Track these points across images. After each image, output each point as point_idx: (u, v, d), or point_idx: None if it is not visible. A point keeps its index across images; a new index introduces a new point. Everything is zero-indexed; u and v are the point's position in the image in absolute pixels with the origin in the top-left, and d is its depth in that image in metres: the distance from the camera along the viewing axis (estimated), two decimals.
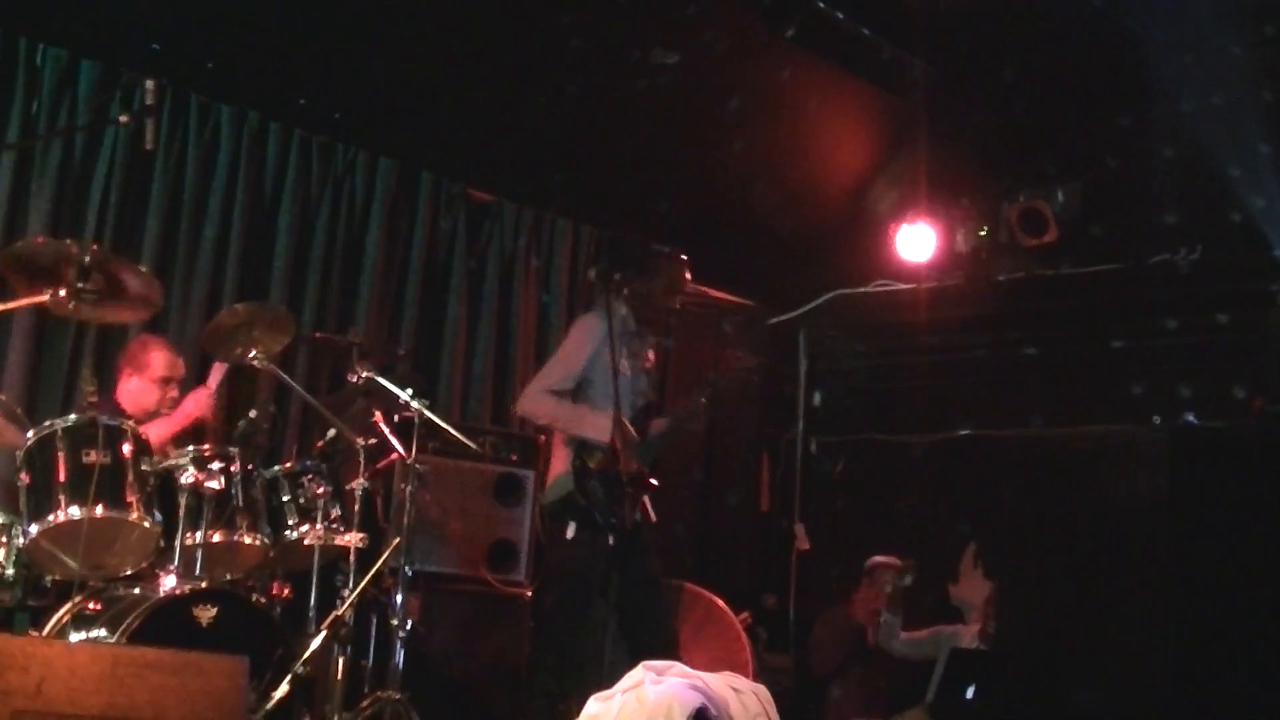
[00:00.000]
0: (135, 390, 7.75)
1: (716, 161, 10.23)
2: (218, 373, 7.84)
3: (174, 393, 7.79)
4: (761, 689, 5.96)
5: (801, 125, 10.34)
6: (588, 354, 7.91)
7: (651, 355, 8.30)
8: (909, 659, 9.77)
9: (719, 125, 9.99)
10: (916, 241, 11.11)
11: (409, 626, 7.50)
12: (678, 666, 5.88)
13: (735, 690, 5.82)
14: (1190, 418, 9.89)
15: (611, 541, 7.58)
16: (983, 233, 10.93)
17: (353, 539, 7.22)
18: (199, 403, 7.74)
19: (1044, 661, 9.58)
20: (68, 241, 6.61)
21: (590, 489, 7.72)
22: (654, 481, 7.87)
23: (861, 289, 11.61)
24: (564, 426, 7.91)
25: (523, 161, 10.05)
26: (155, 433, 7.33)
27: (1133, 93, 9.86)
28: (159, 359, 7.76)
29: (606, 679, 6.79)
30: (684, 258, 8.23)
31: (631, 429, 7.84)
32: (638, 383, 8.13)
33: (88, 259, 6.43)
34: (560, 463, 7.95)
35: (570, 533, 7.80)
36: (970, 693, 8.55)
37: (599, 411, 7.79)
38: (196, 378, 8.65)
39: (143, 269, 6.96)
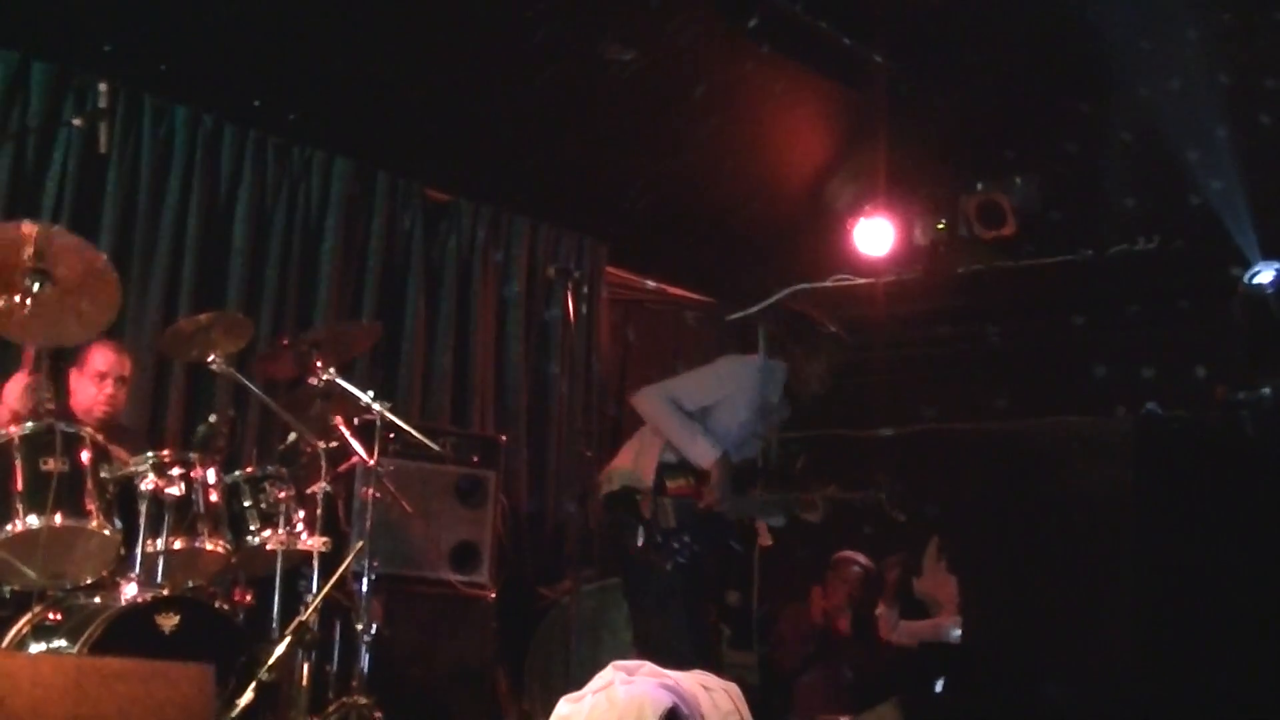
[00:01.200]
0: (76, 388, 7.69)
1: (675, 157, 10.21)
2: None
3: (110, 389, 7.67)
4: (733, 686, 5.92)
5: (760, 120, 10.33)
6: (728, 392, 7.83)
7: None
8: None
9: (678, 120, 9.98)
10: (875, 235, 11.10)
11: (373, 630, 7.45)
12: (648, 666, 5.83)
13: (706, 688, 5.78)
14: (1153, 407, 9.89)
15: (669, 567, 7.56)
16: (941, 226, 10.93)
17: (316, 543, 7.15)
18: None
19: (1012, 654, 9.57)
20: (20, 222, 6.50)
21: (660, 506, 7.66)
22: (766, 542, 7.88)
23: (821, 283, 11.59)
24: (673, 436, 7.77)
25: (480, 160, 10.00)
26: None
27: (1090, 80, 9.86)
28: (98, 354, 7.67)
29: (575, 678, 6.77)
30: (846, 344, 8.16)
31: (724, 476, 7.73)
32: (750, 442, 8.03)
33: (41, 243, 6.32)
34: (634, 457, 7.87)
35: (640, 540, 7.72)
36: (939, 685, 8.54)
37: (710, 439, 7.72)
38: (153, 381, 8.62)
39: (101, 254, 6.85)
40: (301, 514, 7.27)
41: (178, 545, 6.79)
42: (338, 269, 9.62)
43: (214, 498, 7.01)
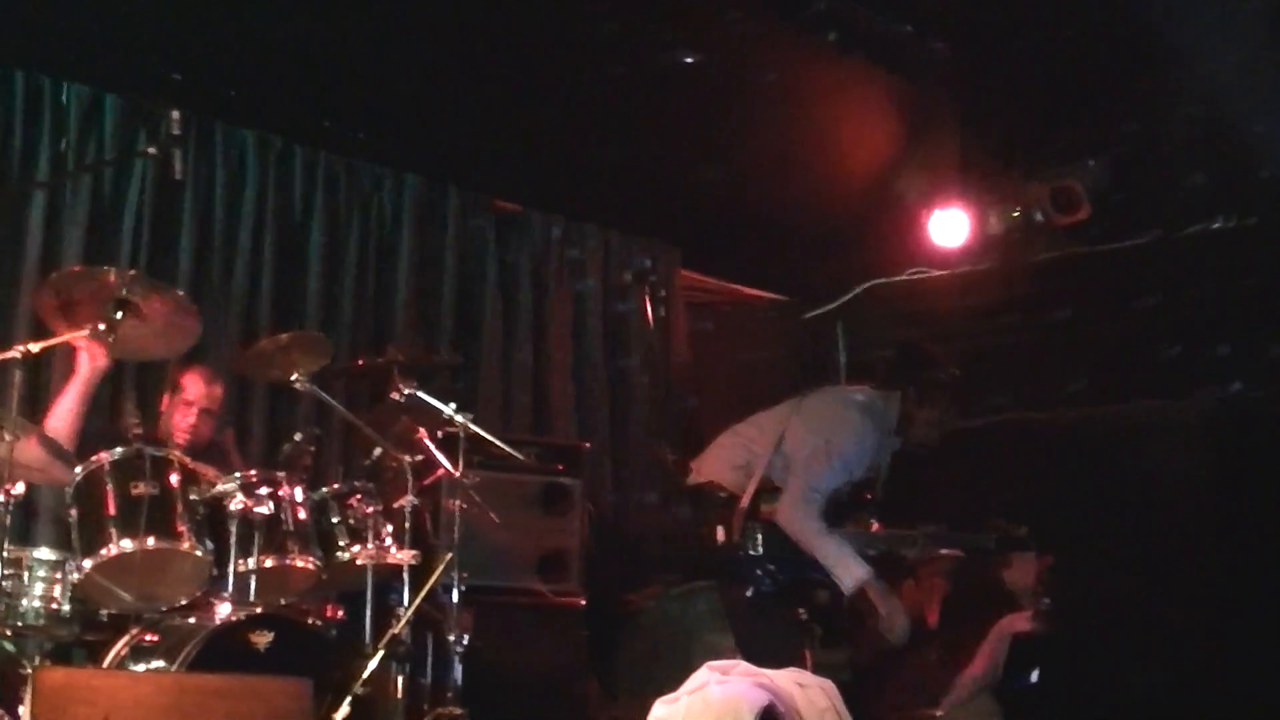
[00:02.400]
0: (167, 409, 7.77)
1: (743, 156, 10.17)
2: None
3: (193, 419, 7.73)
4: (827, 683, 5.93)
5: (827, 115, 10.27)
6: (859, 467, 7.79)
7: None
8: None
9: (744, 120, 9.93)
10: (949, 227, 11.01)
11: (465, 641, 7.47)
12: (742, 665, 5.85)
13: (801, 686, 5.80)
14: (1238, 386, 9.80)
15: (748, 594, 7.56)
16: (1015, 214, 10.84)
17: (405, 557, 7.19)
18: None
19: (1098, 643, 9.51)
20: (105, 268, 6.62)
21: (750, 529, 7.64)
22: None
23: (896, 278, 11.55)
24: (819, 555, 7.69)
25: (548, 169, 10.03)
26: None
27: (1154, 56, 9.76)
28: (190, 381, 7.76)
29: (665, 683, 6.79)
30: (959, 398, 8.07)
31: (881, 594, 7.71)
32: (871, 469, 7.99)
33: (125, 287, 6.44)
34: (728, 467, 7.85)
35: (720, 537, 7.70)
36: (1034, 676, 8.50)
37: (860, 562, 7.65)
38: (236, 404, 8.69)
39: (179, 292, 6.94)
40: (389, 528, 7.31)
41: (268, 563, 6.85)
42: (413, 284, 9.68)
43: (302, 515, 7.07)
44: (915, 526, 8.00)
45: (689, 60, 9.24)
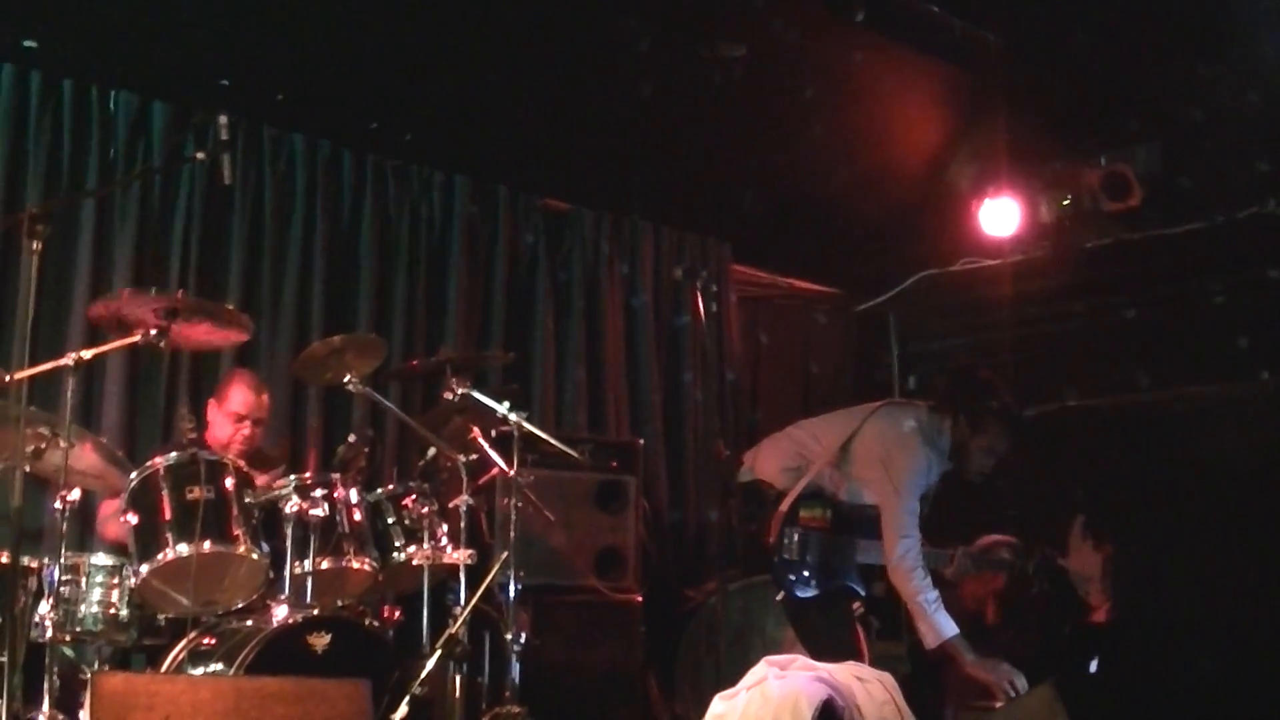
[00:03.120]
0: (214, 419, 7.82)
1: (793, 150, 10.16)
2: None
3: (246, 430, 7.80)
4: (886, 676, 5.91)
5: (875, 106, 10.26)
6: (922, 491, 7.76)
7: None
8: None
9: (793, 115, 9.92)
10: (1000, 215, 10.96)
11: (522, 640, 7.46)
12: (801, 660, 5.83)
13: (860, 679, 5.78)
14: None
15: (779, 597, 7.54)
16: (1066, 201, 10.77)
17: (461, 556, 7.18)
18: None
19: (1164, 631, 9.43)
20: (152, 292, 6.66)
21: (787, 535, 7.61)
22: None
23: (948, 268, 11.49)
24: (912, 603, 7.58)
25: (598, 167, 10.01)
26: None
27: (1208, 40, 9.70)
28: (237, 393, 7.80)
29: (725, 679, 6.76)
30: (1016, 427, 8.02)
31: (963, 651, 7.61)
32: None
33: (175, 310, 6.48)
34: (777, 469, 7.83)
35: (771, 535, 7.67)
36: (1094, 665, 8.44)
37: (948, 619, 7.58)
38: (289, 405, 8.71)
39: (229, 306, 6.95)
40: (445, 528, 7.31)
41: (325, 565, 6.88)
42: (464, 284, 9.67)
43: (357, 517, 7.09)
44: (956, 546, 7.93)
45: (737, 55, 9.21)
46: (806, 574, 7.54)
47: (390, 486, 7.48)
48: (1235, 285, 10.09)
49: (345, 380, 7.29)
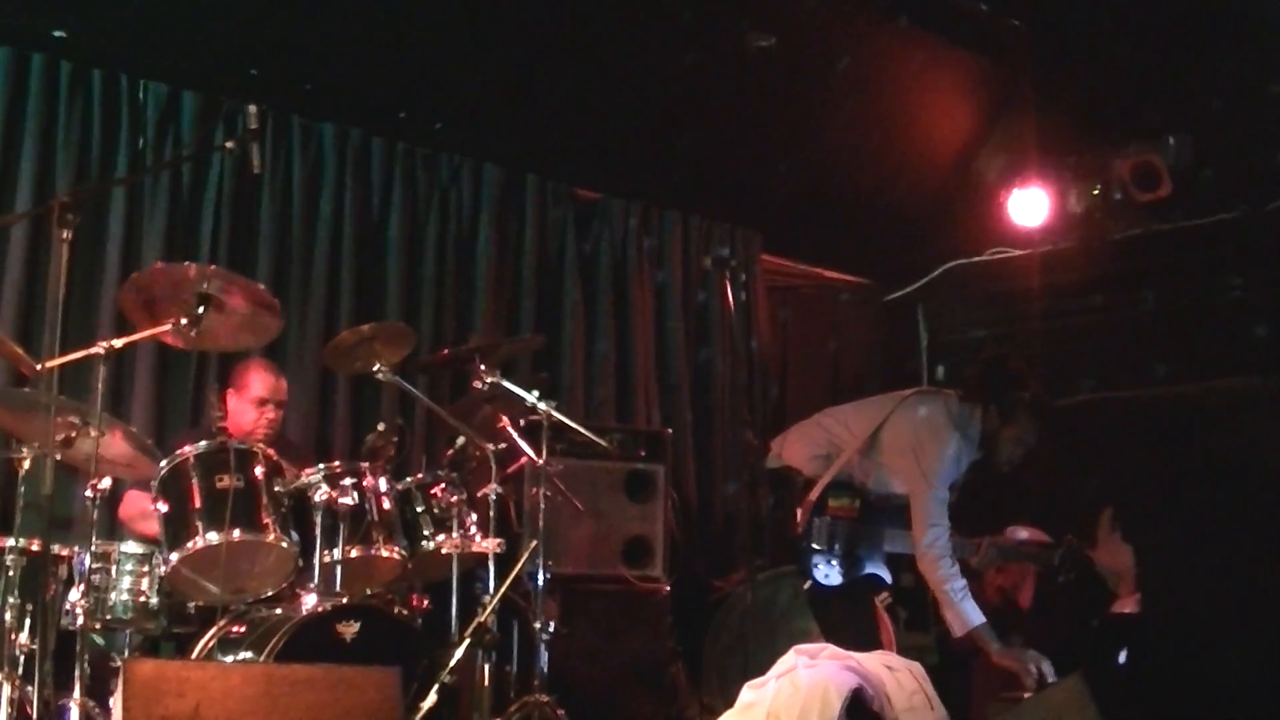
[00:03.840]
0: (235, 410, 7.83)
1: (822, 140, 10.15)
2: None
3: (270, 414, 7.83)
4: (916, 665, 5.90)
5: (904, 96, 10.24)
6: (950, 480, 7.75)
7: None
8: None
9: (822, 103, 9.92)
10: (1029, 206, 10.93)
11: (551, 629, 7.46)
12: (830, 649, 5.83)
13: (889, 669, 5.77)
14: None
15: (806, 585, 7.53)
16: (1095, 192, 10.75)
17: (490, 545, 7.18)
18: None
19: (1193, 624, 9.41)
20: (185, 264, 6.66)
21: (815, 524, 7.60)
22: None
23: (977, 258, 11.48)
24: (939, 590, 7.64)
25: (627, 156, 10.01)
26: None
27: (1238, 30, 9.66)
28: (256, 379, 7.82)
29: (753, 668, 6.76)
30: (1046, 417, 7.98)
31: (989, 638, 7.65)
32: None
33: (206, 281, 6.47)
34: (805, 450, 7.82)
35: (799, 523, 7.66)
36: (1122, 658, 8.42)
37: (975, 608, 7.61)
38: (318, 394, 8.73)
39: (260, 286, 6.95)
40: (474, 517, 7.30)
41: (354, 554, 6.87)
42: (493, 273, 9.68)
43: (386, 505, 7.08)
44: (983, 536, 7.91)
45: (766, 44, 9.20)
46: (834, 562, 7.54)
47: (419, 475, 7.46)
48: (1258, 279, 10.06)
49: (375, 369, 7.29)
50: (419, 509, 7.29)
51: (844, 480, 7.72)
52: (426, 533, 7.25)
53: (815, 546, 7.57)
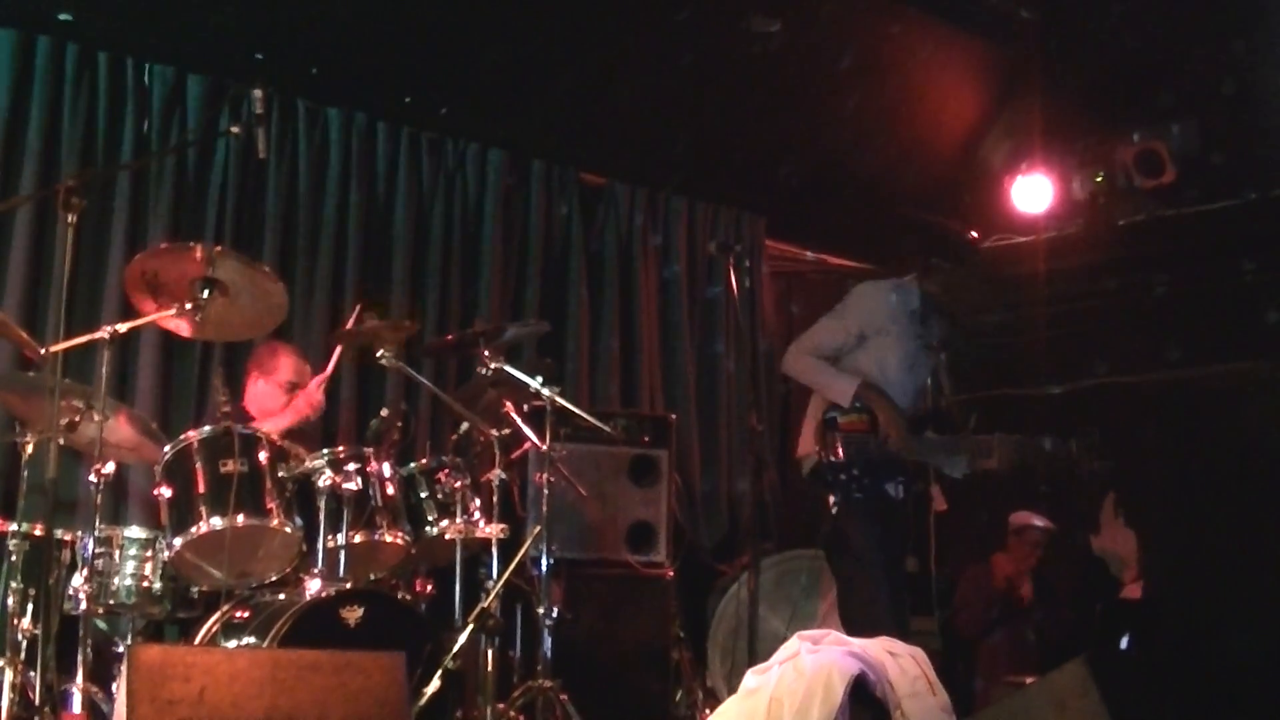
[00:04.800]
0: (261, 393, 7.83)
1: (827, 125, 10.14)
2: (333, 361, 7.90)
3: (318, 397, 7.86)
4: (918, 651, 5.88)
5: (910, 82, 10.24)
6: (863, 322, 7.76)
7: (937, 345, 8.05)
8: None
9: (827, 88, 9.91)
10: (1033, 192, 10.95)
11: (555, 614, 7.47)
12: (833, 634, 5.80)
13: (892, 654, 5.75)
14: None
15: (833, 500, 7.50)
16: (1099, 178, 10.75)
17: (494, 530, 7.18)
18: (311, 399, 7.77)
19: (1198, 609, 9.42)
20: (191, 245, 6.66)
21: (829, 441, 7.58)
22: (941, 507, 7.79)
23: (981, 244, 11.46)
24: (815, 385, 7.73)
25: (632, 141, 10.02)
26: (272, 426, 7.36)
27: (1244, 17, 9.65)
28: (287, 364, 7.83)
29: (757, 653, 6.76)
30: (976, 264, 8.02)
31: (892, 402, 7.60)
32: (916, 370, 7.93)
33: (212, 263, 6.47)
34: (812, 429, 7.83)
35: (833, 507, 7.66)
36: (1125, 642, 8.45)
37: (846, 375, 7.65)
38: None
39: (265, 267, 6.96)
40: (478, 502, 7.30)
41: (358, 539, 6.88)
42: (499, 258, 9.69)
43: (391, 491, 7.08)
44: (994, 433, 7.90)
45: (772, 29, 9.19)
46: (857, 473, 7.52)
47: (424, 460, 7.48)
48: (1266, 263, 10.06)
49: (378, 354, 7.29)
50: (423, 494, 7.31)
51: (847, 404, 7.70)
52: (431, 518, 7.26)
53: (835, 461, 7.55)
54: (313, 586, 6.55)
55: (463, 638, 6.67)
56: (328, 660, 5.42)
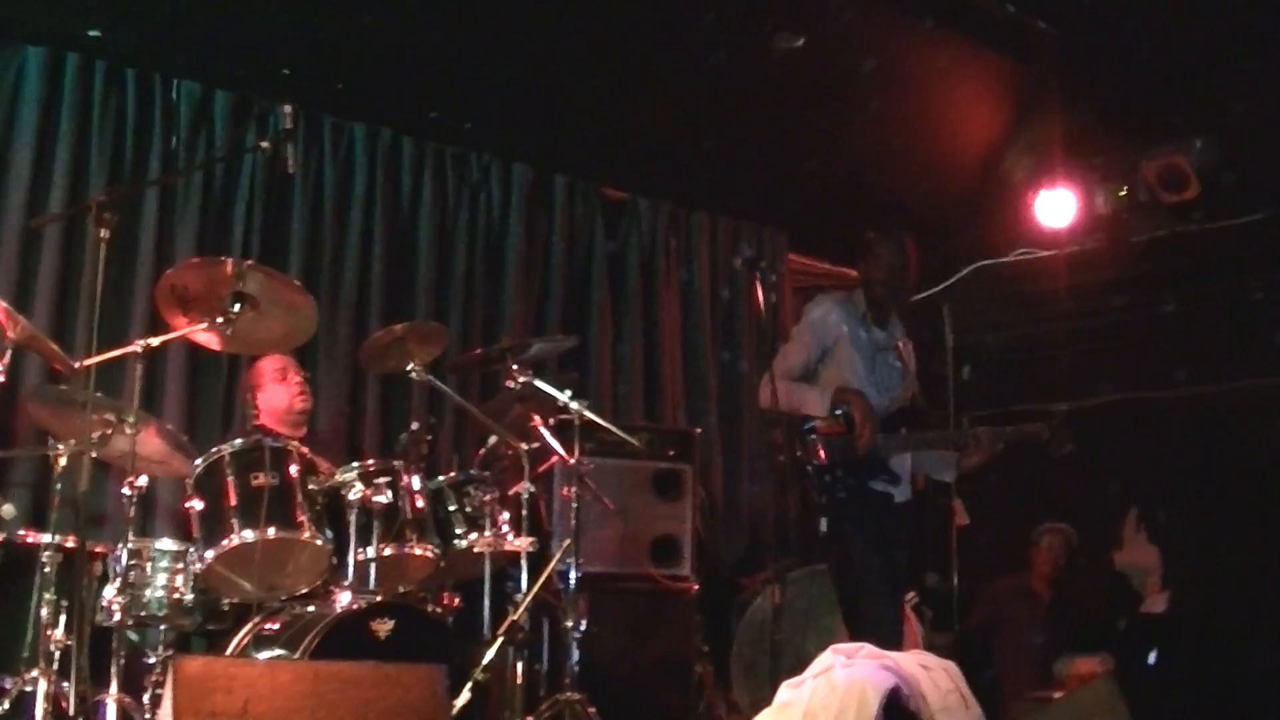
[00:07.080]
0: (269, 400, 7.84)
1: (849, 140, 10.15)
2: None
3: (298, 379, 7.87)
4: (951, 665, 5.89)
5: (931, 97, 10.24)
6: (816, 339, 7.78)
7: (901, 346, 8.04)
8: None
9: (849, 104, 9.91)
10: (1056, 207, 10.96)
11: (582, 627, 7.47)
12: (867, 648, 5.82)
13: (925, 668, 5.76)
14: None
15: (823, 500, 7.49)
16: (1122, 193, 10.76)
17: (522, 544, 7.20)
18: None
19: (1222, 624, 9.41)
20: (221, 259, 6.69)
21: (808, 444, 7.59)
22: (963, 521, 7.77)
23: (1003, 259, 11.49)
24: (789, 406, 7.65)
25: (655, 156, 10.05)
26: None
27: (1264, 33, 9.65)
28: (266, 362, 7.84)
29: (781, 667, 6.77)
30: (902, 237, 7.98)
31: (866, 400, 7.57)
32: (882, 371, 7.93)
33: (242, 277, 6.49)
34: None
35: (823, 527, 7.66)
36: (1152, 658, 8.44)
37: (816, 389, 7.65)
38: (349, 394, 8.76)
39: (295, 281, 6.99)
40: (506, 516, 7.31)
41: (387, 552, 6.89)
42: (522, 272, 9.73)
43: (420, 504, 7.09)
44: (976, 427, 7.90)
45: (794, 45, 9.21)
46: (841, 474, 7.53)
47: (452, 474, 7.47)
48: None
49: (408, 368, 7.31)
50: (451, 508, 7.30)
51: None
52: (459, 531, 7.26)
53: (817, 463, 7.56)
54: (343, 599, 6.56)
55: (491, 650, 6.69)
56: (369, 674, 5.44)
